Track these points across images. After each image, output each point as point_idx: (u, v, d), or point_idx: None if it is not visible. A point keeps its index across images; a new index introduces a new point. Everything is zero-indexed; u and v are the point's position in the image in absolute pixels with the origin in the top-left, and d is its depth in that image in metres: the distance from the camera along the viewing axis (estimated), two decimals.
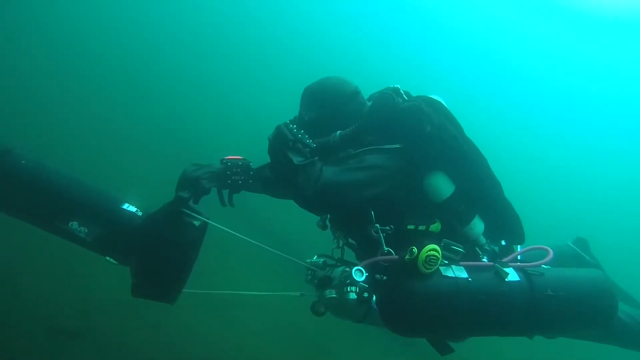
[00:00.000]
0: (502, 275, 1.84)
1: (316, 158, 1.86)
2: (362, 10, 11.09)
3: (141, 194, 2.04)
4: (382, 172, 1.90)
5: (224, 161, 2.07)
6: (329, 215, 2.19)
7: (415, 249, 1.73)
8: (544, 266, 1.95)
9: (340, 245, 2.26)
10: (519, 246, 2.19)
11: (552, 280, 1.91)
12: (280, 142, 1.85)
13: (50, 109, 6.52)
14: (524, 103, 11.21)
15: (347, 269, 2.16)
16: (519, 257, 2.06)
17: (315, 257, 2.37)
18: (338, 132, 2.05)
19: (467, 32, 11.26)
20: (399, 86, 2.10)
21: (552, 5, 10.75)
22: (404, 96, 2.07)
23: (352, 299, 1.80)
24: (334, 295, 1.85)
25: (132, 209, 1.93)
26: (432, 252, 1.72)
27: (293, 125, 1.91)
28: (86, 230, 1.81)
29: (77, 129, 6.32)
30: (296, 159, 1.81)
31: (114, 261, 1.89)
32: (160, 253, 1.82)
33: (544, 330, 1.99)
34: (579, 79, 11.45)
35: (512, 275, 1.85)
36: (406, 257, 1.75)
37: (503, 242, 2.17)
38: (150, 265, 1.83)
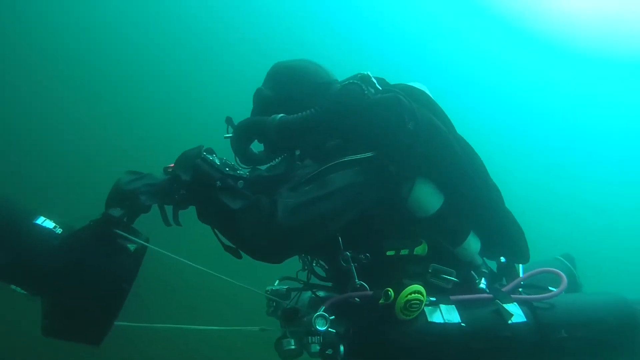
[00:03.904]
0: (504, 316, 1.51)
1: (258, 194, 1.47)
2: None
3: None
4: (353, 194, 1.50)
5: (169, 170, 1.55)
6: None
7: (391, 292, 1.39)
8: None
9: (306, 268, 1.92)
10: (520, 265, 1.86)
11: (566, 317, 1.58)
12: (204, 185, 1.44)
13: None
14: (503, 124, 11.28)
15: (314, 296, 1.86)
16: (522, 283, 1.75)
17: (277, 282, 2.04)
18: (279, 115, 1.64)
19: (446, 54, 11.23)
20: (369, 73, 1.71)
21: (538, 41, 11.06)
22: (377, 85, 1.69)
23: (315, 352, 1.46)
24: (293, 347, 1.52)
25: (49, 224, 1.48)
26: (413, 295, 1.39)
27: (212, 155, 1.52)
28: None
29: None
30: (233, 203, 1.42)
31: (22, 291, 1.48)
32: (83, 286, 1.42)
33: None
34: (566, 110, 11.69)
35: (517, 315, 1.52)
36: (380, 301, 1.41)
37: (502, 259, 1.83)
38: (70, 301, 1.43)
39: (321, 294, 1.82)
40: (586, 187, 10.59)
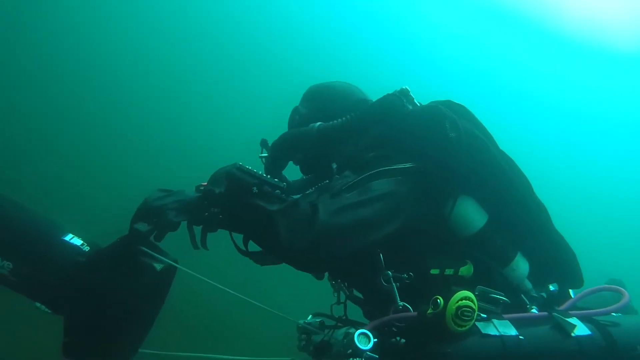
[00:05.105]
0: (565, 329, 1.37)
1: (297, 197, 1.45)
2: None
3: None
4: (395, 203, 1.45)
5: (201, 189, 1.51)
6: None
7: (440, 299, 1.29)
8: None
9: (342, 301, 1.81)
10: (571, 291, 1.72)
11: (636, 332, 1.44)
12: (240, 191, 1.40)
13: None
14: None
15: (352, 330, 1.72)
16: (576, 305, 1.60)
17: (310, 316, 1.92)
18: (318, 123, 1.70)
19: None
20: (408, 88, 1.71)
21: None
22: (415, 102, 1.70)
23: None
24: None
25: (77, 241, 1.46)
26: (464, 301, 1.27)
27: (248, 167, 1.49)
28: (10, 266, 1.36)
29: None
30: (270, 206, 1.38)
31: (46, 309, 1.43)
32: (104, 304, 1.36)
33: None
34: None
35: (580, 328, 1.39)
36: (429, 312, 1.31)
37: (552, 287, 1.69)
38: (90, 319, 1.37)
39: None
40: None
